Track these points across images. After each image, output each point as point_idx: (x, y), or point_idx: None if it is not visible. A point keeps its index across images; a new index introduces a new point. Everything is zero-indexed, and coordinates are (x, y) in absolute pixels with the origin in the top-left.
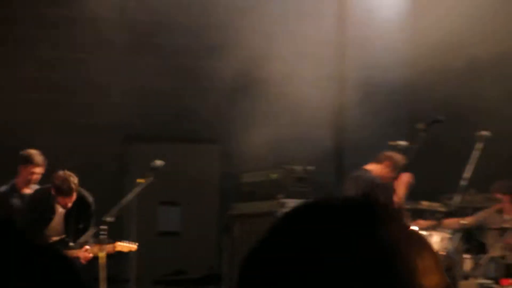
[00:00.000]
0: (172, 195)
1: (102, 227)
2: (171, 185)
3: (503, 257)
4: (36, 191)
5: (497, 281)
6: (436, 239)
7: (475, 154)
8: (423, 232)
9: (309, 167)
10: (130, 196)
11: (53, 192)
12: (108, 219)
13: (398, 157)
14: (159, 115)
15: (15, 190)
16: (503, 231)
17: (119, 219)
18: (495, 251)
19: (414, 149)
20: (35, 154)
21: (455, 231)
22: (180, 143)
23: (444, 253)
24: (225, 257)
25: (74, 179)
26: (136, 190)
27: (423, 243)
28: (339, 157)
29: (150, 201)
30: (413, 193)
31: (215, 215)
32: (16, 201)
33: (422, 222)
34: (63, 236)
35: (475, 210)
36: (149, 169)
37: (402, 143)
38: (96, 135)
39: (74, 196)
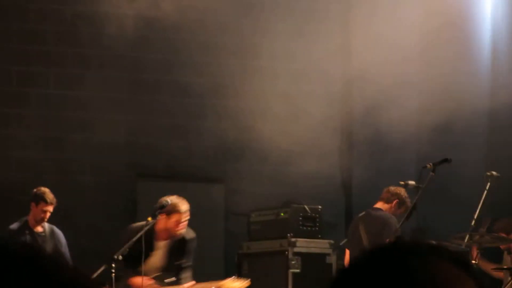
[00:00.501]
0: None
1: (113, 265)
2: None
3: None
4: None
5: None
6: None
7: (484, 194)
8: None
9: (317, 206)
10: (139, 234)
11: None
12: (119, 257)
13: (403, 192)
14: (167, 152)
15: (26, 228)
16: None
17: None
18: None
19: (422, 189)
20: (47, 192)
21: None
22: (188, 181)
23: None
24: None
25: None
26: (146, 228)
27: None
28: (348, 196)
29: None
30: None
31: (222, 254)
32: (28, 238)
33: None
34: (159, 273)
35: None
36: (158, 207)
37: (411, 182)
38: (107, 172)
39: None
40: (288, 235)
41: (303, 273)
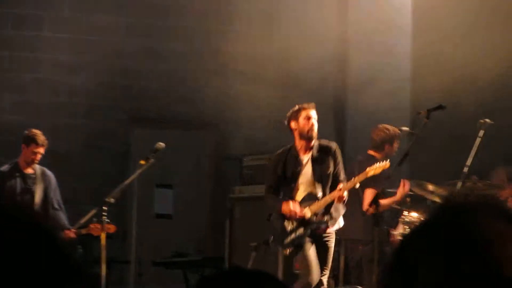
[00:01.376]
0: (168, 178)
1: (104, 207)
2: (168, 168)
3: None
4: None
5: None
6: None
7: (477, 142)
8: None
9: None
10: (131, 177)
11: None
12: (110, 200)
13: (389, 130)
14: (161, 98)
15: (17, 170)
16: None
17: (120, 201)
18: None
19: (416, 136)
20: (39, 134)
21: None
22: (181, 127)
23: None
24: (226, 239)
25: None
26: (138, 172)
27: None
28: (341, 142)
29: (149, 184)
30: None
31: (212, 198)
32: (18, 181)
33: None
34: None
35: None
36: (151, 151)
37: (405, 128)
38: (101, 116)
39: None
40: None
41: None
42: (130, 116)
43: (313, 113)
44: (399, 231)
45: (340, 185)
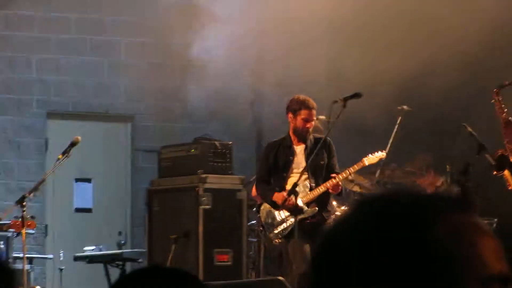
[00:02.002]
0: (87, 172)
1: (23, 203)
2: (87, 162)
3: None
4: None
5: None
6: None
7: (395, 129)
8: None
9: (228, 142)
10: (49, 172)
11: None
12: (29, 195)
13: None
14: (78, 91)
15: None
16: None
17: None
18: None
19: (333, 124)
20: None
21: None
22: (98, 120)
23: None
24: (145, 232)
25: None
26: (56, 166)
27: (484, 230)
28: (259, 133)
29: (67, 178)
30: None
31: (131, 191)
32: None
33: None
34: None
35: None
36: (68, 145)
37: (322, 117)
38: (18, 110)
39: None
40: (199, 171)
41: (214, 209)
42: (47, 110)
43: (313, 115)
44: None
45: (334, 175)
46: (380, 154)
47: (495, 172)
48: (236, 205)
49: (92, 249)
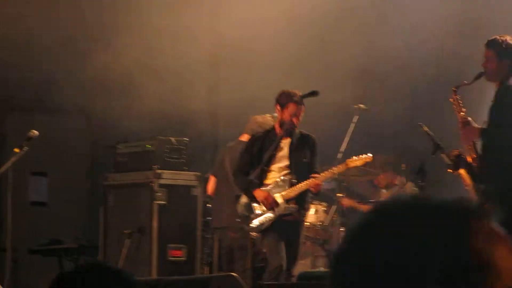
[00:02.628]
0: (42, 165)
1: None
2: (43, 156)
3: None
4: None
5: None
6: (311, 212)
7: (351, 127)
8: None
9: (184, 138)
10: (5, 166)
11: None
12: None
13: (266, 120)
14: (35, 85)
15: None
16: None
17: None
18: None
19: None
20: None
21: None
22: (55, 114)
23: (319, 226)
24: (100, 227)
25: None
26: (12, 160)
27: (504, 237)
28: (215, 129)
29: (24, 172)
30: None
31: (87, 185)
32: None
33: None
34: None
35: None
36: (25, 139)
37: (275, 114)
38: None
39: None
40: (154, 167)
41: (169, 205)
42: (3, 104)
43: (301, 110)
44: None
45: (316, 175)
46: (365, 157)
47: (450, 170)
48: (190, 201)
49: (47, 243)
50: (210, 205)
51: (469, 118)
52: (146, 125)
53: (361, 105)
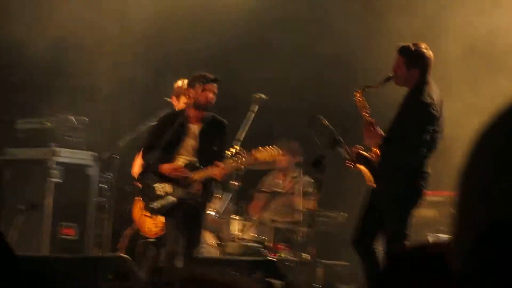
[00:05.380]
0: None
1: None
2: None
3: (273, 221)
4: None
5: (264, 245)
6: None
7: (250, 116)
8: None
9: (84, 118)
10: None
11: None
12: None
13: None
14: None
15: None
16: (274, 194)
17: None
18: (265, 214)
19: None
20: None
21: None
22: None
23: (213, 214)
24: None
25: None
26: None
27: None
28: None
29: None
30: None
31: None
32: None
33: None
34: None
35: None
36: None
37: (169, 99)
38: None
39: None
40: (51, 144)
41: (64, 183)
42: None
43: (216, 88)
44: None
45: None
46: (274, 152)
47: (348, 164)
48: (85, 181)
49: None
50: (104, 185)
51: (373, 120)
52: (44, 101)
53: (262, 95)
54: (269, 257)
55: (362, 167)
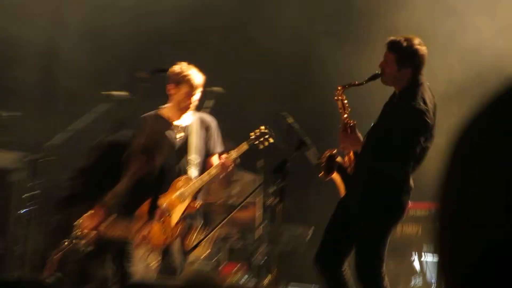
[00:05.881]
0: None
1: None
2: None
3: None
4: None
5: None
6: None
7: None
8: None
9: (13, 113)
10: None
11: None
12: None
13: None
14: None
15: None
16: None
17: None
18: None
19: (135, 101)
20: None
21: None
22: None
23: None
24: None
25: None
26: None
27: None
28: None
29: None
30: None
31: None
32: None
33: None
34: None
35: None
36: None
37: (119, 93)
38: None
39: None
40: None
41: None
42: None
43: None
44: None
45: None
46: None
47: (321, 175)
48: (6, 189)
49: None
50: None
51: (353, 123)
52: None
53: (216, 88)
54: None
55: (336, 176)
